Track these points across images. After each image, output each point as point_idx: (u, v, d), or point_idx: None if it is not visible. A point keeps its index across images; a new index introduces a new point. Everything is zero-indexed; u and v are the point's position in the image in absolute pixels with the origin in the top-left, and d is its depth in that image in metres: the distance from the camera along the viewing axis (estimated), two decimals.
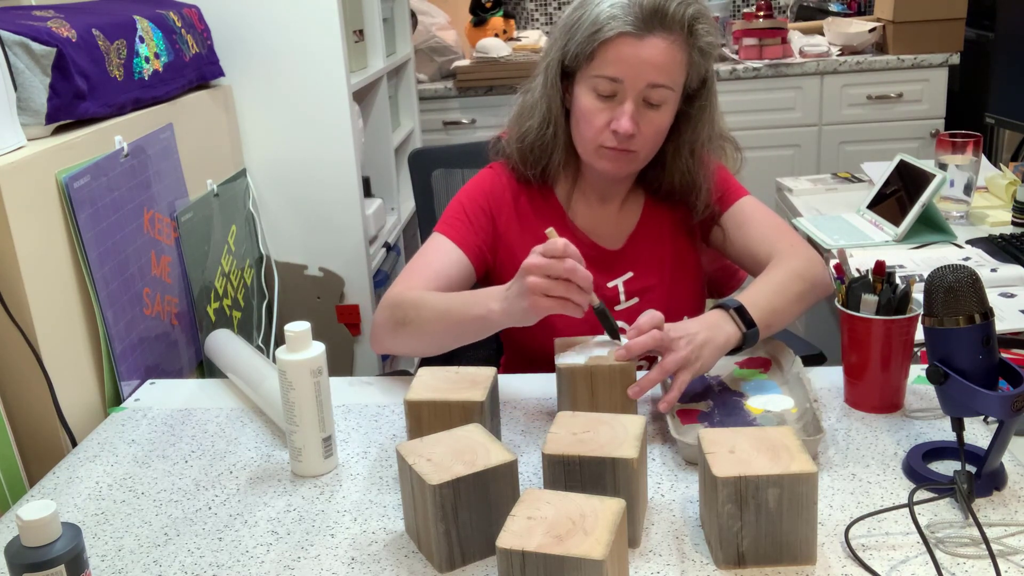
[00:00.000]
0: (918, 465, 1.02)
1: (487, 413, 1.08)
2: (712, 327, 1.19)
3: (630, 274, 1.44)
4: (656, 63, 1.27)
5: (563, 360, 1.14)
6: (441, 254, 1.38)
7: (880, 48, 3.38)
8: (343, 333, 2.17)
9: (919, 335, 1.09)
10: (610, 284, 1.43)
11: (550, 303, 1.11)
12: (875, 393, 1.17)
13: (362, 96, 2.44)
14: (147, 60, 1.60)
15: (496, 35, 3.52)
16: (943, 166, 1.92)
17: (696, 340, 1.15)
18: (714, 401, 1.22)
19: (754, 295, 1.26)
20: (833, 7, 3.79)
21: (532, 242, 1.40)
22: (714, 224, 1.45)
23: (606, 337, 1.19)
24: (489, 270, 1.45)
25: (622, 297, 1.43)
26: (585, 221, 1.45)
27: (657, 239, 1.46)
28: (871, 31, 3.29)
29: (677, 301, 1.45)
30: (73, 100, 1.37)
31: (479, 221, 1.41)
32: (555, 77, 1.36)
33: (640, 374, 1.14)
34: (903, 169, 1.95)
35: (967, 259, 1.71)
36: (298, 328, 1.07)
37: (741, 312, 1.21)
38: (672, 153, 1.39)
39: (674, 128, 1.37)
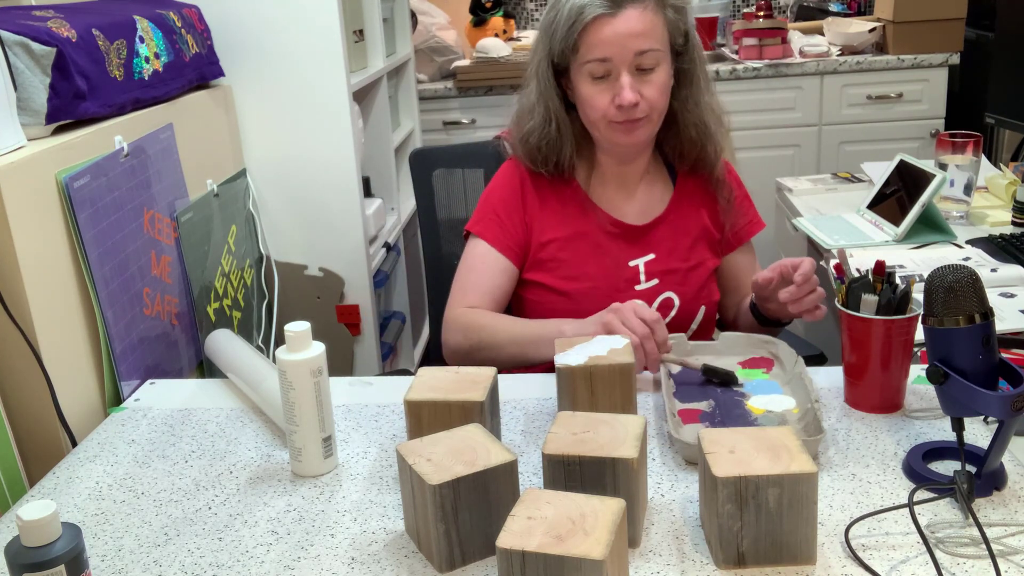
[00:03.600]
0: (918, 465, 1.02)
1: (487, 413, 1.08)
2: None
3: (652, 255, 1.48)
4: (636, 32, 1.34)
5: (563, 360, 1.14)
6: (486, 265, 1.47)
7: (880, 48, 3.38)
8: (343, 333, 2.17)
9: (919, 335, 1.09)
10: (632, 263, 1.48)
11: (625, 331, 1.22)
12: (875, 393, 1.17)
13: (362, 96, 2.44)
14: (147, 60, 1.60)
15: (496, 35, 3.52)
16: (943, 166, 1.92)
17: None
18: (715, 401, 1.22)
19: None
20: (833, 7, 3.79)
21: (557, 225, 1.49)
22: (736, 246, 1.55)
23: (606, 336, 1.20)
24: (525, 259, 1.51)
25: (642, 277, 1.47)
26: (605, 201, 1.50)
27: (682, 228, 1.51)
28: (871, 31, 3.29)
29: (692, 289, 1.50)
30: (73, 100, 1.37)
31: (511, 218, 1.49)
32: (547, 76, 1.42)
33: (640, 376, 1.15)
34: (903, 169, 1.95)
35: (967, 259, 1.71)
36: (298, 328, 1.07)
37: None
38: (680, 110, 1.45)
39: (675, 88, 1.44)
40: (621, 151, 1.46)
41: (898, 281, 1.16)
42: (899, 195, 1.91)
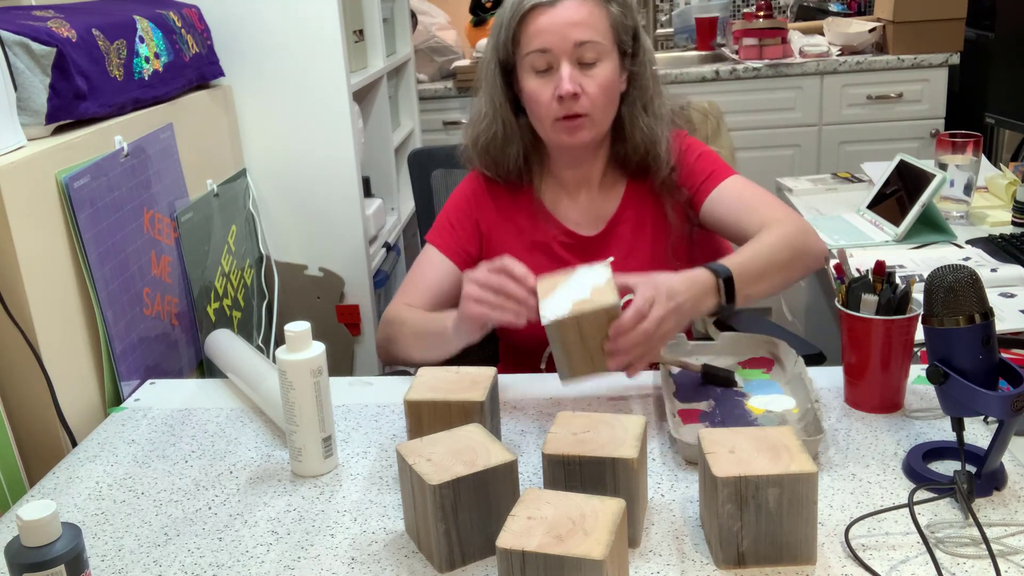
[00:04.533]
0: (918, 465, 1.02)
1: (487, 413, 1.08)
2: (695, 298, 1.19)
3: (610, 259, 1.45)
4: (574, 22, 1.33)
5: (547, 310, 1.13)
6: (431, 266, 1.48)
7: (880, 48, 3.38)
8: (343, 333, 2.17)
9: (919, 335, 1.09)
10: None
11: (482, 309, 1.17)
12: (875, 393, 1.17)
13: (362, 96, 2.44)
14: (147, 60, 1.60)
15: None
16: (943, 166, 1.92)
17: (676, 303, 1.16)
18: (715, 401, 1.22)
19: (744, 262, 1.25)
20: (833, 7, 3.79)
21: (514, 236, 1.47)
22: (702, 204, 1.45)
23: (587, 267, 1.20)
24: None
25: None
26: (560, 210, 1.49)
27: (638, 226, 1.48)
28: (871, 31, 3.29)
29: None
30: (73, 100, 1.37)
31: (463, 226, 1.49)
32: (493, 74, 1.42)
33: (639, 376, 1.14)
34: (903, 169, 1.95)
35: (967, 259, 1.71)
36: (298, 328, 1.07)
37: (728, 284, 1.21)
38: (628, 115, 1.43)
39: (626, 92, 1.42)
40: (570, 154, 1.44)
41: (898, 281, 1.16)
42: (899, 195, 1.91)
